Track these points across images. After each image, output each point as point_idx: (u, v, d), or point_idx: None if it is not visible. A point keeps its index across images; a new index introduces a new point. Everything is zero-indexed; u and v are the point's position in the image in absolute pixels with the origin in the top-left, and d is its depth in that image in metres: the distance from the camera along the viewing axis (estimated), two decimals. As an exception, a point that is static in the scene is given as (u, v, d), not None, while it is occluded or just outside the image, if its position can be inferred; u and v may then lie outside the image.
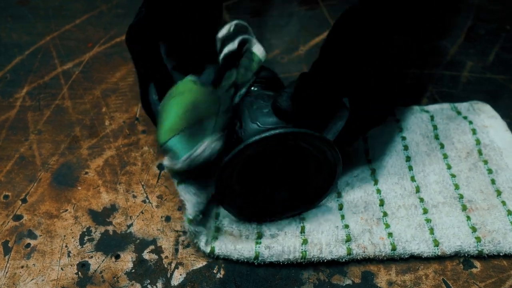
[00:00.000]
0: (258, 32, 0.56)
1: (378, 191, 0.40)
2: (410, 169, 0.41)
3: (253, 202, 0.37)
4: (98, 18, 0.59)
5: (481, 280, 0.36)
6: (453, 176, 0.41)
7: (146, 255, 0.38)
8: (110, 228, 0.39)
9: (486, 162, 0.41)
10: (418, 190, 0.40)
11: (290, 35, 0.56)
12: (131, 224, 0.39)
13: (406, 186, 0.40)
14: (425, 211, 0.39)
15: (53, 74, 0.52)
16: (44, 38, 0.56)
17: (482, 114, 0.45)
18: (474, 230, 0.37)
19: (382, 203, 0.39)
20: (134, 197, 0.41)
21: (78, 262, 0.37)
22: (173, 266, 0.37)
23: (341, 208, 0.39)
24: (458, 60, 0.52)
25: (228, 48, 0.38)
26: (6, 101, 0.49)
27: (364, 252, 0.36)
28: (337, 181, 0.37)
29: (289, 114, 0.34)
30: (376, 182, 0.41)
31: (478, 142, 0.43)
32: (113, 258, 0.37)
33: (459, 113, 0.45)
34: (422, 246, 0.36)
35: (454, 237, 0.37)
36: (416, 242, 0.37)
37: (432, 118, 0.45)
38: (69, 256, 0.38)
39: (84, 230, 0.39)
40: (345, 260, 0.36)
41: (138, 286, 0.36)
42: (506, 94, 0.48)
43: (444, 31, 0.55)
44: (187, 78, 0.36)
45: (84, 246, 0.38)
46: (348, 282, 0.36)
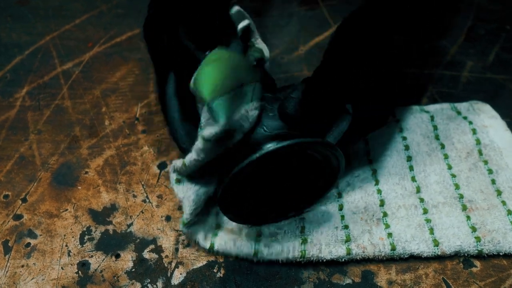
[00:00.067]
0: (258, 32, 0.56)
1: (379, 192, 0.40)
2: (411, 169, 0.41)
3: (251, 206, 0.37)
4: (98, 18, 0.59)
5: (481, 279, 0.36)
6: (453, 176, 0.41)
7: (146, 255, 0.38)
8: (110, 227, 0.39)
9: (486, 162, 0.41)
10: (418, 190, 0.40)
11: (290, 35, 0.56)
12: (131, 223, 0.39)
13: (407, 186, 0.40)
14: (425, 211, 0.39)
15: (53, 74, 0.52)
16: (44, 38, 0.56)
17: (482, 114, 0.45)
18: (474, 230, 0.37)
19: (382, 204, 0.39)
20: (134, 196, 0.41)
21: (78, 261, 0.37)
22: (173, 265, 0.37)
23: (341, 208, 0.39)
24: (458, 60, 0.52)
25: (242, 23, 0.38)
26: (6, 101, 0.49)
27: (363, 252, 0.36)
28: (337, 183, 0.37)
29: (295, 120, 0.34)
30: (377, 183, 0.41)
31: (478, 142, 0.43)
32: (113, 258, 0.37)
33: (459, 113, 0.45)
34: (422, 246, 0.36)
35: (454, 237, 0.37)
36: (416, 242, 0.37)
37: (432, 118, 0.45)
38: (69, 255, 0.38)
39: (84, 229, 0.39)
40: (344, 260, 0.36)
41: (138, 285, 0.36)
42: (506, 94, 0.48)
43: (444, 31, 0.55)
44: (218, 49, 0.35)
45: (84, 245, 0.38)
46: (348, 281, 0.36)
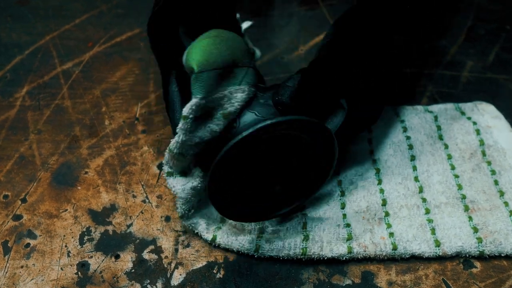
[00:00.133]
0: (258, 32, 0.56)
1: (381, 191, 0.40)
2: (415, 169, 0.41)
3: (245, 200, 0.36)
4: (98, 18, 0.59)
5: (481, 280, 0.36)
6: (456, 176, 0.41)
7: (146, 255, 0.37)
8: (109, 228, 0.39)
9: (489, 163, 0.41)
10: (421, 190, 0.40)
11: (290, 35, 0.56)
12: (131, 224, 0.39)
13: (410, 186, 0.40)
14: (427, 211, 0.39)
15: (53, 73, 0.52)
16: (44, 38, 0.56)
17: (486, 114, 0.45)
18: (475, 230, 0.37)
19: (384, 203, 0.39)
20: (134, 197, 0.41)
21: (77, 262, 0.37)
22: (173, 266, 0.37)
23: (343, 207, 0.39)
24: (458, 60, 0.52)
25: (246, 23, 0.38)
26: (6, 100, 0.49)
27: (364, 251, 0.36)
28: (331, 173, 0.36)
29: (289, 108, 0.34)
30: (380, 182, 0.41)
31: (482, 143, 0.43)
32: (112, 258, 0.37)
33: (463, 113, 0.45)
34: (423, 246, 0.36)
35: (456, 237, 0.37)
36: (417, 242, 0.36)
37: (436, 119, 0.45)
38: (68, 256, 0.37)
39: (83, 230, 0.39)
40: (345, 258, 0.36)
41: (138, 286, 0.36)
42: (506, 94, 0.48)
43: (444, 31, 0.55)
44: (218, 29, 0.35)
45: (83, 246, 0.38)
46: (348, 282, 0.36)
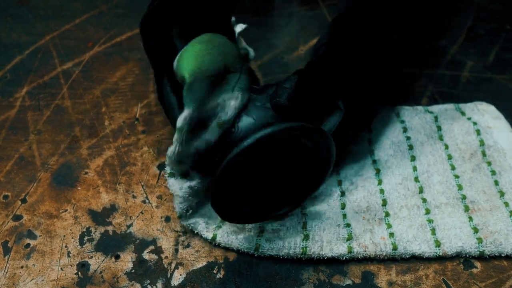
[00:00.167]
0: (258, 32, 0.56)
1: (382, 191, 0.40)
2: (415, 169, 0.41)
3: (245, 200, 0.36)
4: (98, 18, 0.59)
5: (481, 280, 0.36)
6: (456, 177, 0.41)
7: (146, 255, 0.37)
8: (110, 228, 0.39)
9: (489, 164, 0.41)
10: (421, 191, 0.40)
11: (290, 35, 0.56)
12: (131, 224, 0.39)
13: (410, 186, 0.40)
14: (427, 212, 0.39)
15: (53, 73, 0.52)
16: (44, 38, 0.56)
17: (487, 114, 0.45)
18: (476, 231, 0.37)
19: (384, 203, 0.39)
20: (134, 197, 0.41)
21: (78, 262, 0.37)
22: (173, 266, 0.37)
23: (343, 207, 0.39)
24: (458, 60, 0.52)
25: (240, 27, 0.38)
26: (6, 100, 0.49)
27: (365, 251, 0.36)
28: (329, 173, 0.36)
29: (286, 110, 0.34)
30: (380, 182, 0.41)
31: (482, 143, 0.42)
32: (113, 258, 0.37)
33: (464, 113, 0.45)
34: (424, 247, 0.36)
35: (456, 237, 0.37)
36: (417, 243, 0.36)
37: (436, 119, 0.45)
38: (68, 256, 0.37)
39: (84, 230, 0.39)
40: (345, 258, 0.36)
41: (138, 286, 0.36)
42: (506, 94, 0.48)
43: (444, 31, 0.55)
44: (210, 33, 0.34)
45: (84, 246, 0.38)
46: (348, 282, 0.36)
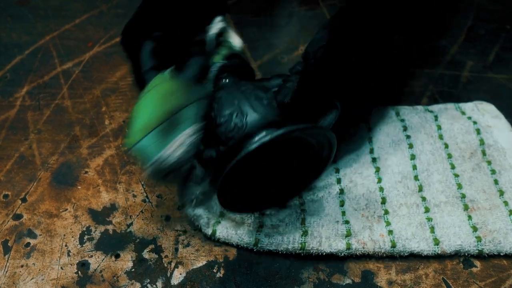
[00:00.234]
0: (258, 32, 0.56)
1: (381, 189, 0.40)
2: (414, 168, 0.41)
3: (247, 193, 0.36)
4: (98, 18, 0.59)
5: (481, 279, 0.36)
6: (456, 175, 0.41)
7: (146, 254, 0.37)
8: (110, 227, 0.39)
9: (489, 163, 0.41)
10: (421, 189, 0.40)
11: (290, 35, 0.56)
12: (131, 223, 0.39)
13: (409, 185, 0.40)
14: (426, 210, 0.39)
15: (53, 73, 0.52)
16: (44, 37, 0.56)
17: (487, 114, 0.45)
18: (475, 229, 0.37)
19: (384, 201, 0.39)
20: (134, 196, 0.41)
21: (78, 261, 0.37)
22: (173, 265, 0.37)
23: (342, 204, 0.39)
24: (458, 60, 0.52)
25: (212, 30, 0.37)
26: (6, 100, 0.49)
27: (363, 248, 0.36)
28: (326, 169, 0.37)
29: (290, 108, 0.34)
30: (379, 180, 0.41)
31: (482, 143, 0.43)
32: (113, 257, 0.37)
33: (464, 113, 0.45)
34: (422, 245, 0.36)
35: (455, 236, 0.37)
36: (416, 240, 0.37)
37: (436, 118, 0.45)
38: (69, 255, 0.37)
39: (84, 229, 0.39)
40: (344, 254, 0.36)
41: (138, 285, 0.36)
42: (506, 93, 0.48)
43: (444, 31, 0.55)
44: (160, 75, 0.33)
45: (84, 245, 0.38)
46: (348, 281, 0.36)
